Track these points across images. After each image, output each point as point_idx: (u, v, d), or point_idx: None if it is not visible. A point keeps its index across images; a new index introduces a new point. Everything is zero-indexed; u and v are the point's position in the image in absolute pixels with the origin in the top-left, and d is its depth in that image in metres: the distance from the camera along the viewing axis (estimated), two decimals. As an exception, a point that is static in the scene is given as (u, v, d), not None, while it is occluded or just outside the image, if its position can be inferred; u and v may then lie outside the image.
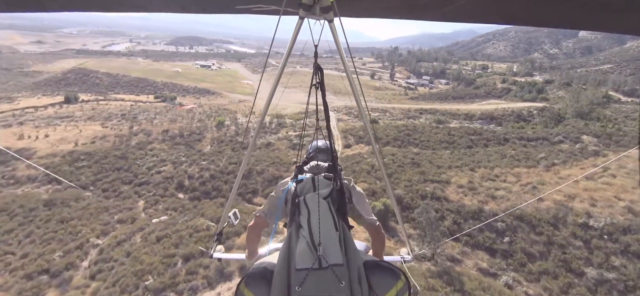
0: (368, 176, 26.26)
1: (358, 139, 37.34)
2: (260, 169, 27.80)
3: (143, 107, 53.80)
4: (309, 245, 1.43)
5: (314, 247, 1.41)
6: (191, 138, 37.34)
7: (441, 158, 30.47)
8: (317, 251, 1.39)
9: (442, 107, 59.01)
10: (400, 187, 23.81)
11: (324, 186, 1.79)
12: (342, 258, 1.41)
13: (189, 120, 44.15)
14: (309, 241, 1.45)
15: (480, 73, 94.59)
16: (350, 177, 2.18)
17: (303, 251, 1.42)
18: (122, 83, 69.33)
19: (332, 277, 1.33)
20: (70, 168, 31.08)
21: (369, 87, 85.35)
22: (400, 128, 40.52)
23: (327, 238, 1.45)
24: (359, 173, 26.66)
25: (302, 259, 1.39)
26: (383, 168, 2.63)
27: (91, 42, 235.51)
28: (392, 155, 31.20)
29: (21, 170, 31.36)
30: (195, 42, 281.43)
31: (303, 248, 1.43)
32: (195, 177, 27.83)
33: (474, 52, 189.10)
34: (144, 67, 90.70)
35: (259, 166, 28.51)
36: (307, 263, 1.37)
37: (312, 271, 1.34)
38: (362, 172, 26.81)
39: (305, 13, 1.56)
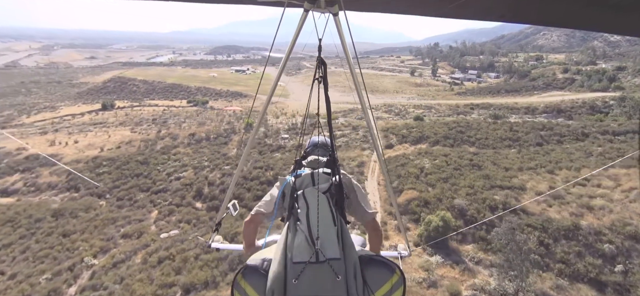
0: (417, 181, 21.42)
1: (401, 138, 32.40)
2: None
3: (175, 111, 52.68)
4: (306, 239, 1.43)
5: (311, 241, 1.41)
6: (217, 142, 34.63)
7: (507, 159, 24.76)
8: (315, 245, 1.39)
9: (496, 101, 51.97)
10: (460, 195, 18.77)
11: (323, 181, 1.79)
12: (339, 252, 1.41)
13: (217, 123, 41.77)
14: (307, 235, 1.45)
15: (534, 64, 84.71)
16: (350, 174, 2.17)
17: (300, 245, 1.42)
18: (157, 90, 69.71)
19: (329, 271, 1.35)
20: (91, 174, 29.47)
21: (409, 84, 79.43)
22: (450, 126, 34.91)
23: (325, 232, 1.45)
24: (405, 177, 21.88)
25: (300, 253, 1.40)
26: (382, 161, 2.56)
27: (137, 55, 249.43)
28: (444, 155, 25.99)
29: (44, 176, 30.38)
30: (233, 51, 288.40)
31: (301, 242, 1.43)
32: (215, 184, 24.65)
33: (523, 44, 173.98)
34: (181, 74, 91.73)
35: (269, 172, 24.74)
36: (304, 256, 1.38)
37: (309, 265, 1.35)
38: (409, 176, 21.99)
39: (310, 5, 1.53)
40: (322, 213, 1.53)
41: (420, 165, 24.18)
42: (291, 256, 1.41)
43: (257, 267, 1.50)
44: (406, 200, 19.13)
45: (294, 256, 1.41)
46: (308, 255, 1.38)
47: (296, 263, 1.38)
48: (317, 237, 1.41)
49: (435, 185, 20.64)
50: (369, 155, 28.35)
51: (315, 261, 1.36)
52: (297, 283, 1.34)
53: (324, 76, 1.71)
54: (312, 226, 1.47)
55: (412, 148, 30.43)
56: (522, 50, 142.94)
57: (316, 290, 1.36)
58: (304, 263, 1.37)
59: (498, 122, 36.03)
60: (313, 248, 1.39)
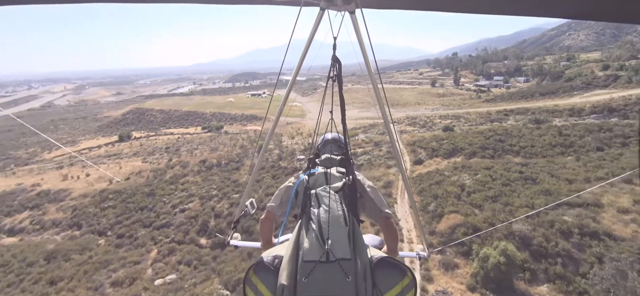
0: (458, 202, 17.67)
1: (431, 152, 28.64)
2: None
3: (189, 138, 51.21)
4: (317, 238, 1.42)
5: (322, 241, 1.40)
6: (229, 167, 32.08)
7: (566, 169, 20.52)
8: (325, 244, 1.37)
9: (532, 105, 47.17)
10: (519, 216, 14.86)
11: (336, 180, 1.79)
12: (350, 252, 1.38)
13: (230, 148, 39.47)
14: (318, 234, 1.43)
15: (567, 64, 78.59)
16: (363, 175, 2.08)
17: (311, 244, 1.41)
18: (173, 118, 69.24)
19: (339, 271, 1.33)
20: (95, 210, 27.52)
21: (431, 94, 75.31)
22: (486, 134, 30.83)
23: (336, 232, 1.43)
24: (444, 198, 18.18)
25: (310, 251, 1.38)
26: (403, 174, 2.41)
27: (161, 89, 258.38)
28: (486, 169, 22.04)
29: (50, 213, 28.88)
30: (251, 77, 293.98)
31: (312, 241, 1.42)
32: (223, 215, 21.78)
33: (548, 47, 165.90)
34: (198, 101, 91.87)
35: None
36: (315, 255, 1.36)
37: (319, 264, 1.34)
38: (448, 196, 18.27)
39: (327, 4, 1.50)
40: (333, 213, 1.50)
41: (460, 182, 20.38)
42: (302, 255, 1.39)
43: (268, 263, 1.47)
44: (449, 227, 15.42)
45: (304, 254, 1.38)
46: (318, 254, 1.36)
47: (307, 261, 1.36)
48: (327, 237, 1.39)
49: (482, 206, 16.82)
50: (397, 173, 24.80)
51: (326, 261, 1.34)
52: (307, 281, 1.32)
53: (338, 74, 1.71)
54: (323, 225, 1.45)
55: (445, 162, 26.60)
56: (548, 52, 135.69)
57: (326, 289, 1.33)
58: (314, 262, 1.35)
59: (542, 127, 31.57)
60: (324, 247, 1.37)
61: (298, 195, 1.89)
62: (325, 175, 1.84)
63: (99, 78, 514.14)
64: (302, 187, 1.84)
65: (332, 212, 1.51)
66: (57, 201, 31.50)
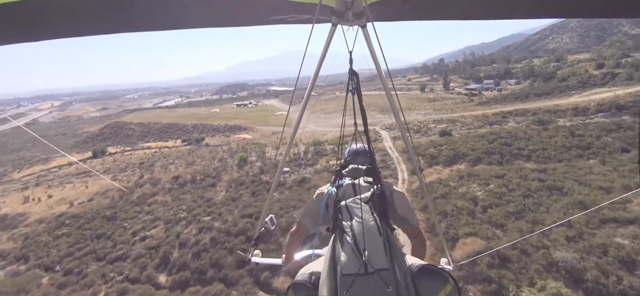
0: (474, 221, 14.43)
1: (430, 159, 25.53)
2: (284, 223, 17.23)
3: (166, 152, 47.22)
4: (353, 250, 1.39)
5: (358, 252, 1.37)
6: (204, 184, 28.34)
7: (594, 174, 17.54)
8: (363, 256, 1.34)
9: (529, 106, 44.84)
10: (556, 242, 11.72)
11: (364, 190, 1.77)
12: (388, 262, 1.36)
13: (209, 161, 35.73)
14: (354, 246, 1.40)
15: (557, 65, 77.58)
16: (390, 180, 2.41)
17: (348, 257, 1.38)
18: (153, 131, 64.97)
19: (379, 282, 1.30)
20: (48, 238, 23.48)
21: (421, 99, 72.94)
22: (488, 138, 27.95)
23: (372, 242, 1.41)
24: (455, 216, 14.95)
25: (348, 265, 1.35)
26: (423, 183, 2.43)
27: (147, 102, 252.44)
28: (497, 177, 18.99)
29: (1, 243, 24.68)
30: (239, 89, 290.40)
31: (348, 254, 1.39)
32: (189, 244, 18.08)
33: (534, 50, 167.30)
34: (180, 113, 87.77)
35: (284, 217, 18.05)
36: (353, 268, 1.33)
37: (358, 277, 1.31)
38: (460, 214, 15.05)
39: (338, 20, 1.54)
40: (366, 224, 1.48)
41: (470, 194, 17.21)
42: (340, 269, 1.36)
43: (305, 282, 1.46)
44: (467, 254, 12.11)
45: (343, 268, 1.35)
46: (356, 267, 1.33)
47: (345, 275, 1.33)
48: (363, 248, 1.37)
49: (505, 226, 13.59)
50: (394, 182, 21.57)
51: (364, 273, 1.32)
52: (348, 295, 1.30)
53: (356, 87, 1.73)
54: (358, 237, 1.43)
55: (447, 171, 23.50)
56: (534, 55, 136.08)
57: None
58: (353, 275, 1.32)
59: (549, 128, 28.87)
60: (361, 259, 1.34)
61: (328, 208, 1.86)
62: (353, 186, 1.83)
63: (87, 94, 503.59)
64: (332, 200, 1.82)
65: (365, 222, 1.48)
66: (11, 227, 27.33)
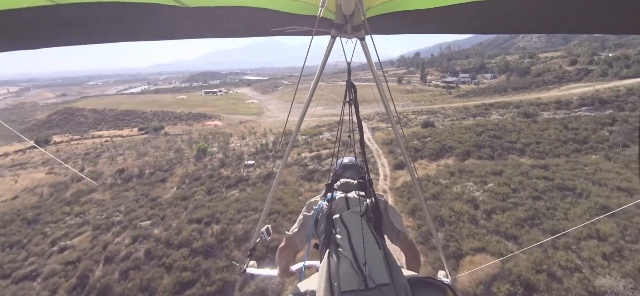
0: (478, 230, 11.54)
1: (414, 153, 22.69)
2: (241, 231, 13.68)
3: (119, 142, 41.87)
4: (353, 266, 1.34)
5: (358, 268, 1.32)
6: (152, 179, 24.04)
7: (604, 172, 15.22)
8: (364, 271, 1.30)
9: (510, 99, 43.57)
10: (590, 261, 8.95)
11: (358, 204, 1.72)
12: (388, 277, 1.32)
13: (164, 152, 31.23)
14: (353, 261, 1.35)
15: (531, 61, 78.25)
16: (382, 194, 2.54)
17: (347, 273, 1.32)
18: (107, 119, 58.66)
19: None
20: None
21: (399, 91, 70.88)
22: (475, 130, 25.59)
23: (372, 257, 1.37)
24: (455, 224, 12.01)
25: (347, 280, 1.30)
26: (416, 183, 2.17)
27: (111, 89, 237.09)
28: (495, 174, 16.41)
29: None
30: (210, 77, 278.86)
31: (347, 269, 1.33)
32: (117, 259, 14.08)
33: (505, 48, 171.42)
34: (142, 100, 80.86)
35: (241, 223, 14.47)
36: (353, 284, 1.28)
37: (359, 293, 1.26)
38: (460, 221, 12.13)
39: (337, 32, 1.53)
40: (366, 238, 1.43)
41: (467, 194, 14.37)
42: (339, 285, 1.30)
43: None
44: (479, 281, 9.10)
45: (342, 284, 1.29)
46: (357, 283, 1.28)
47: (345, 292, 1.27)
48: (364, 263, 1.33)
49: (519, 237, 10.74)
50: (375, 182, 18.57)
51: (365, 289, 1.27)
52: None
53: (354, 99, 1.72)
54: (357, 251, 1.38)
55: (433, 165, 20.75)
56: (506, 52, 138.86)
57: None
58: (353, 291, 1.27)
59: (538, 121, 26.94)
60: (361, 275, 1.30)
61: (318, 223, 1.80)
62: (346, 200, 1.77)
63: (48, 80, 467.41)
64: (323, 214, 1.77)
65: (364, 236, 1.43)
66: None
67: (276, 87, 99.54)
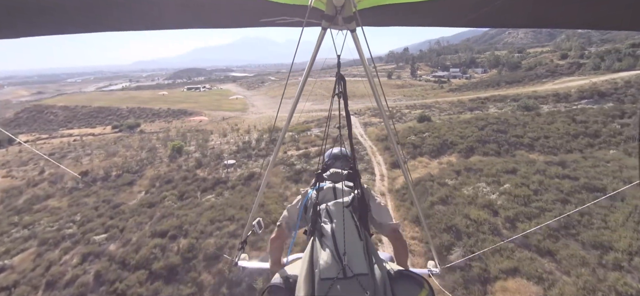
0: (505, 246, 9.40)
1: (413, 149, 20.64)
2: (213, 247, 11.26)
3: (89, 140, 38.54)
4: (333, 255, 1.36)
5: (338, 257, 1.35)
6: (118, 182, 21.26)
7: (632, 169, 13.41)
8: (343, 261, 1.32)
9: (506, 92, 42.18)
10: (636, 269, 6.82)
11: (345, 194, 1.70)
12: (367, 267, 1.34)
13: (136, 151, 28.34)
14: (334, 250, 1.38)
15: (521, 56, 77.81)
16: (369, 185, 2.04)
17: (327, 261, 1.34)
18: (79, 116, 54.64)
19: (357, 287, 1.27)
20: None
21: (389, 86, 69.07)
22: (477, 124, 23.73)
23: (352, 247, 1.38)
24: (473, 235, 9.87)
25: (327, 269, 1.32)
26: (410, 181, 2.29)
27: (90, 86, 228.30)
28: (508, 173, 14.47)
29: None
30: (195, 74, 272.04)
31: (328, 258, 1.35)
32: (60, 284, 11.48)
33: (493, 43, 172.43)
34: (119, 96, 76.72)
35: (213, 236, 12.04)
36: (332, 272, 1.31)
37: (336, 281, 1.28)
38: (479, 230, 10.04)
39: (328, 23, 1.51)
40: (347, 228, 1.44)
41: (481, 198, 12.31)
42: (319, 273, 1.31)
43: (282, 286, 1.44)
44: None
45: (321, 272, 1.31)
46: (336, 271, 1.30)
47: (324, 279, 1.29)
48: (344, 253, 1.34)
49: (557, 254, 8.68)
50: (371, 183, 16.42)
51: (343, 277, 1.29)
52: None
53: (343, 91, 1.69)
54: (338, 241, 1.39)
55: (435, 163, 18.73)
56: (493, 48, 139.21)
57: None
58: (331, 279, 1.28)
59: (542, 114, 25.33)
60: (340, 263, 1.31)
61: (307, 211, 1.82)
62: (334, 190, 1.78)
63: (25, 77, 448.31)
64: (311, 203, 1.77)
65: (346, 226, 1.44)
66: None
67: (262, 83, 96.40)
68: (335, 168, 2.03)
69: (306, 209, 1.83)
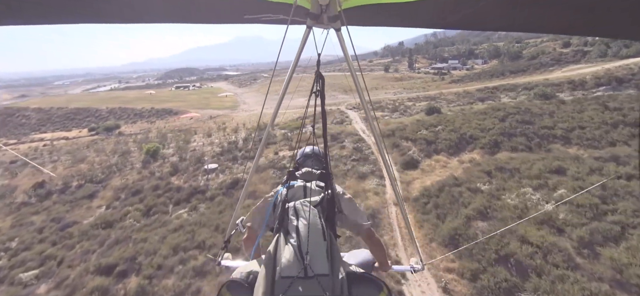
0: (584, 279, 6.24)
1: (426, 146, 17.60)
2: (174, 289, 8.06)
3: (59, 145, 34.89)
4: (296, 253, 1.32)
5: (300, 256, 1.31)
6: (79, 193, 17.91)
7: None
8: (304, 260, 1.29)
9: (513, 81, 39.49)
10: None
11: (315, 194, 1.70)
12: (328, 268, 1.31)
13: (107, 156, 24.92)
14: (296, 249, 1.34)
15: (521, 45, 75.35)
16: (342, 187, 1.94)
17: (289, 259, 1.31)
18: (54, 119, 50.67)
19: (317, 287, 1.24)
20: None
21: (387, 79, 66.12)
22: (496, 115, 20.81)
23: (315, 247, 1.35)
24: (544, 271, 6.70)
25: (288, 267, 1.29)
26: (389, 168, 2.06)
27: (78, 89, 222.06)
28: (555, 173, 11.46)
29: None
30: (187, 74, 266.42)
31: (290, 256, 1.32)
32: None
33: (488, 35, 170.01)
34: (101, 97, 72.79)
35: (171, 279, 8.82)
36: (293, 271, 1.27)
37: (296, 280, 1.25)
38: (547, 260, 6.89)
39: (313, 22, 1.50)
40: (312, 227, 1.41)
41: (533, 209, 9.31)
42: (279, 270, 1.29)
43: (242, 280, 1.41)
44: None
45: (282, 270, 1.28)
46: (297, 270, 1.27)
47: (284, 277, 1.26)
48: (307, 252, 1.31)
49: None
50: (381, 188, 13.35)
51: (304, 277, 1.26)
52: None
53: (321, 90, 1.68)
54: (302, 240, 1.37)
55: (455, 161, 15.72)
56: (488, 40, 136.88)
57: None
58: (292, 277, 1.25)
59: (566, 102, 22.48)
60: (302, 262, 1.29)
61: (275, 208, 1.75)
62: (304, 189, 1.74)
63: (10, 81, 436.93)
64: (280, 200, 1.71)
65: (311, 226, 1.42)
66: None
67: (255, 80, 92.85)
68: (306, 167, 1.99)
69: (275, 206, 1.75)
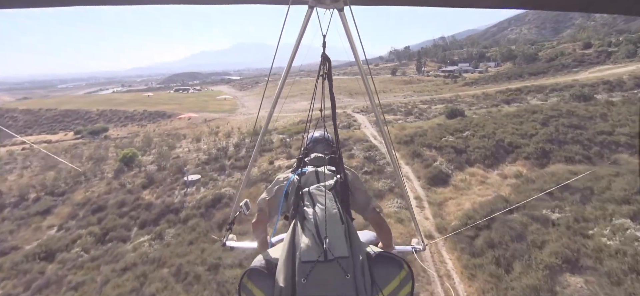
0: None
1: (455, 156, 14.30)
2: None
3: (37, 150, 32.07)
4: (314, 238, 1.33)
5: (319, 240, 1.32)
6: (33, 209, 14.85)
7: None
8: (324, 244, 1.29)
9: (542, 82, 36.34)
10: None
11: (327, 178, 1.67)
12: (348, 250, 1.32)
13: (81, 163, 21.93)
14: (315, 234, 1.35)
15: (536, 47, 72.02)
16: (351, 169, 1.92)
17: (309, 244, 1.31)
18: (41, 121, 47.98)
19: (338, 270, 1.25)
20: None
21: (395, 82, 62.88)
22: (535, 119, 17.53)
23: (333, 230, 1.35)
24: None
25: (308, 252, 1.29)
26: (391, 152, 2.12)
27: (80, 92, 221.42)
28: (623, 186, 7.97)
29: None
30: (191, 78, 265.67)
31: (309, 241, 1.32)
32: None
33: (497, 39, 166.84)
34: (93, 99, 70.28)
35: None
36: (313, 255, 1.27)
37: (317, 264, 1.26)
38: None
39: (315, 2, 1.46)
40: (329, 211, 1.42)
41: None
42: (300, 255, 1.29)
43: (262, 268, 1.39)
44: None
45: (302, 255, 1.28)
46: (316, 254, 1.27)
47: (304, 262, 1.26)
48: (325, 236, 1.31)
49: None
50: (406, 213, 10.07)
51: (324, 260, 1.25)
52: (306, 282, 1.23)
53: (328, 72, 1.66)
54: (320, 224, 1.37)
55: (494, 175, 12.46)
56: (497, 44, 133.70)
57: (325, 288, 1.25)
58: (312, 262, 1.25)
59: (616, 103, 19.16)
60: (321, 246, 1.28)
61: (288, 196, 1.75)
62: (317, 174, 1.74)
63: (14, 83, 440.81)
64: (293, 187, 1.72)
65: (328, 210, 1.42)
66: None
67: (256, 83, 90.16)
68: (316, 152, 2.00)
69: (287, 194, 1.75)
